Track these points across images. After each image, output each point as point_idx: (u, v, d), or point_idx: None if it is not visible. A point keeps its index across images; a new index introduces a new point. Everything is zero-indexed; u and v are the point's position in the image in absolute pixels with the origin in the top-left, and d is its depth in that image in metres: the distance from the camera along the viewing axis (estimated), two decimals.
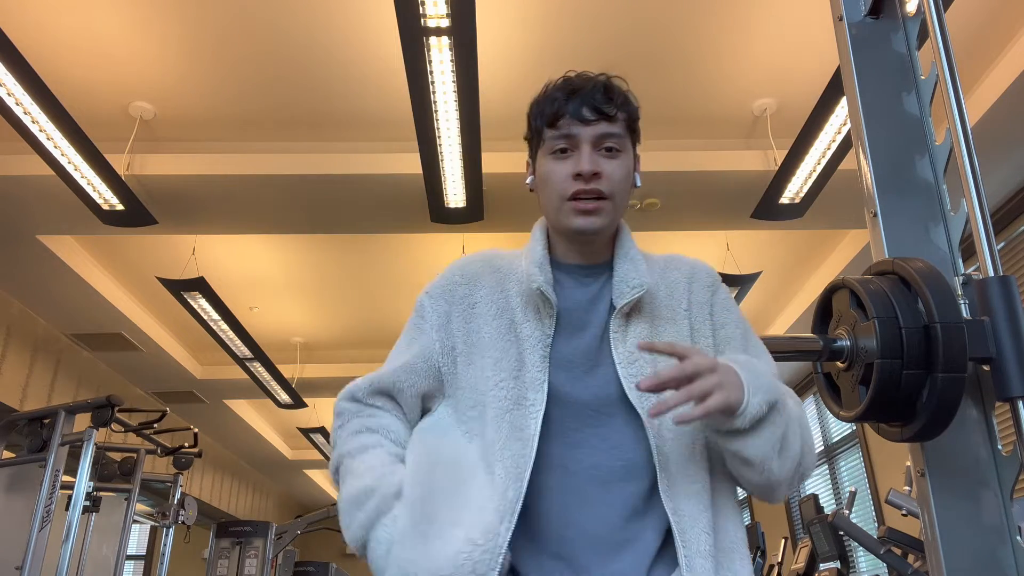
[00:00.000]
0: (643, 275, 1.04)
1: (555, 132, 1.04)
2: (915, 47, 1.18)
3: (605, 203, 1.02)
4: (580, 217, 1.02)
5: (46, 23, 3.05)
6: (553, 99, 1.06)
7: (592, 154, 1.02)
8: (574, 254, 1.08)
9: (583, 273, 1.08)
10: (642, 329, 1.03)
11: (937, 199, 1.12)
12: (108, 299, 4.98)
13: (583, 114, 1.03)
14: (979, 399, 1.04)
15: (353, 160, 3.74)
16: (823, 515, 3.51)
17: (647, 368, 1.00)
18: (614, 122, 1.05)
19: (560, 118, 1.04)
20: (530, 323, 1.04)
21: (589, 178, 1.01)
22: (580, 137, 1.03)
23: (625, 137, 1.06)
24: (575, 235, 1.05)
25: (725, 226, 4.36)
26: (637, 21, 3.13)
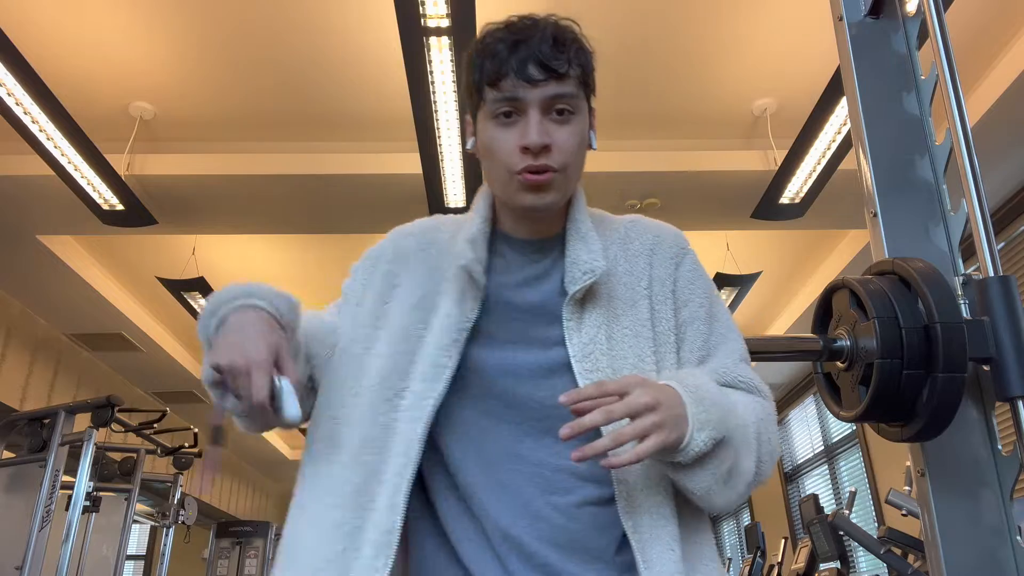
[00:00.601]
0: (596, 256, 0.92)
1: (498, 94, 0.88)
2: (915, 47, 1.18)
3: (557, 176, 0.89)
4: (529, 194, 0.89)
5: (46, 23, 3.05)
6: (494, 53, 0.88)
7: (541, 121, 0.88)
8: (523, 228, 0.96)
9: (532, 248, 0.96)
10: (597, 315, 0.92)
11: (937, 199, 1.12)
12: (108, 299, 4.98)
13: (530, 73, 0.86)
14: (979, 399, 1.04)
15: (353, 160, 3.74)
16: (823, 515, 3.51)
17: (603, 361, 0.89)
18: (565, 80, 0.88)
19: (503, 77, 0.87)
20: (452, 304, 0.93)
21: (539, 152, 0.87)
22: (527, 101, 0.87)
23: (579, 96, 0.91)
24: (524, 212, 0.93)
25: (725, 226, 4.36)
26: (637, 21, 3.13)
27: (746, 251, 4.92)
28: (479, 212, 0.97)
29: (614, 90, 3.51)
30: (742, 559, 8.12)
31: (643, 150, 3.79)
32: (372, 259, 1.04)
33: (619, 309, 0.94)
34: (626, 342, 0.92)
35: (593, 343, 0.90)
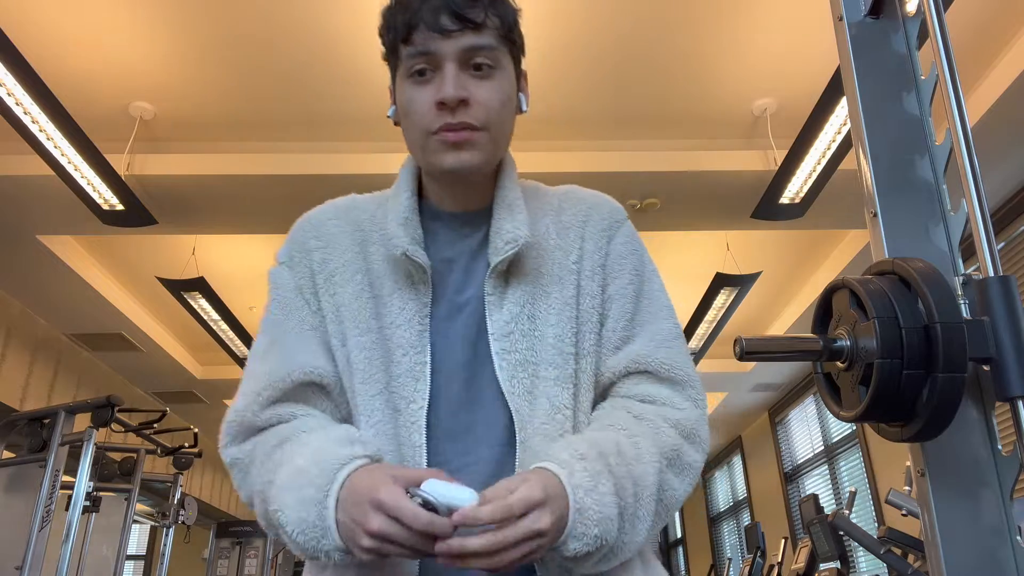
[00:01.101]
0: (520, 225, 0.85)
1: (411, 49, 0.82)
2: (915, 47, 1.18)
3: (478, 134, 0.82)
4: (448, 153, 0.82)
5: (46, 23, 3.05)
6: (406, 5, 0.83)
7: (458, 75, 0.81)
8: (449, 200, 0.90)
9: (461, 222, 0.89)
10: (521, 292, 0.85)
11: (937, 199, 1.12)
12: (108, 299, 4.98)
13: (442, 23, 0.80)
14: (979, 399, 1.04)
15: (353, 160, 3.74)
16: (823, 515, 3.51)
17: (522, 343, 0.83)
18: (482, 31, 0.82)
19: (414, 29, 0.81)
20: (401, 292, 0.85)
21: (456, 106, 0.81)
22: (441, 54, 0.81)
23: (499, 49, 0.84)
24: (445, 176, 0.86)
25: (725, 226, 4.36)
26: (637, 21, 3.13)
27: (746, 251, 4.92)
28: (404, 186, 0.89)
29: (614, 90, 3.51)
30: (742, 559, 8.13)
31: (643, 150, 3.79)
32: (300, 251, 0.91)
33: (547, 285, 0.86)
34: (549, 321, 0.85)
35: (514, 321, 0.84)
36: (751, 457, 8.10)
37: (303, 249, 0.91)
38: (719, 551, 9.24)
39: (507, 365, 0.83)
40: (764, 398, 7.21)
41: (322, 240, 0.91)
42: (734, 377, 6.68)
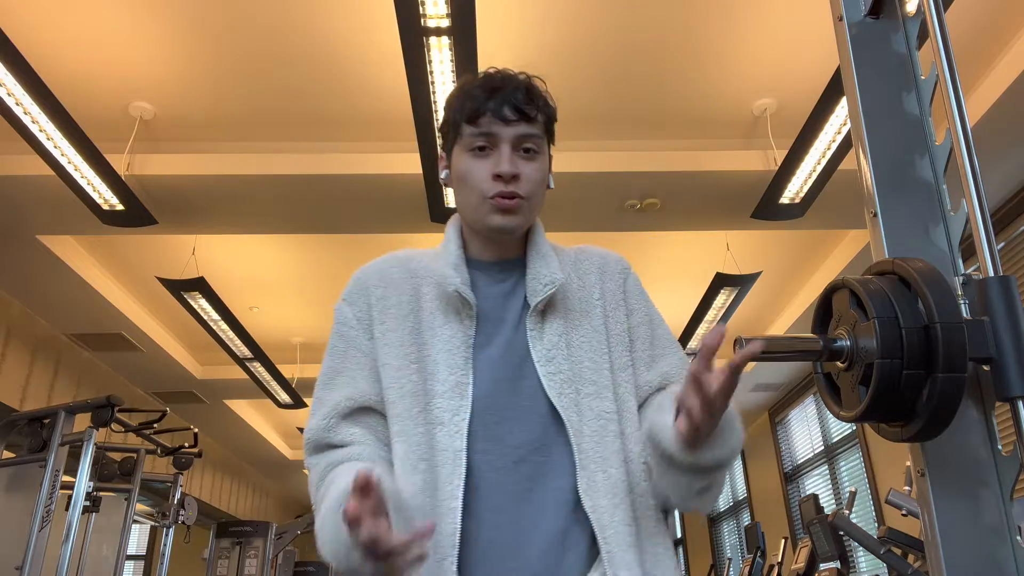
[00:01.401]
0: (555, 271, 1.05)
1: (475, 129, 1.02)
2: (915, 47, 1.18)
3: (522, 203, 1.03)
4: (500, 215, 1.02)
5: (46, 23, 3.05)
6: (474, 96, 1.03)
7: (512, 155, 1.02)
8: (489, 251, 1.09)
9: (497, 269, 1.08)
10: (557, 325, 1.04)
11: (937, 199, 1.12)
12: (108, 299, 4.98)
13: (504, 113, 1.02)
14: (979, 399, 1.04)
15: (353, 160, 3.74)
16: (823, 515, 3.51)
17: (564, 365, 1.01)
18: (534, 123, 1.04)
19: (481, 115, 1.02)
20: (451, 325, 1.03)
21: (509, 179, 1.01)
22: (500, 136, 1.02)
23: (543, 138, 1.06)
24: (493, 233, 1.05)
25: (725, 226, 4.36)
26: (637, 21, 3.13)
27: (746, 251, 4.92)
28: (453, 240, 1.09)
29: (614, 90, 3.51)
30: (742, 559, 8.12)
31: (643, 150, 3.79)
32: (364, 288, 1.10)
33: (575, 319, 1.06)
34: (584, 346, 1.04)
35: (555, 348, 1.02)
36: (751, 457, 8.10)
37: (364, 288, 1.09)
38: (719, 551, 9.24)
39: (555, 384, 1.00)
40: (764, 398, 7.21)
41: (383, 282, 1.09)
42: None
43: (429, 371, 1.00)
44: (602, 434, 0.99)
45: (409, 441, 0.98)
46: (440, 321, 1.03)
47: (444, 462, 0.95)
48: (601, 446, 0.98)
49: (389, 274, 1.09)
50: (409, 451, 0.97)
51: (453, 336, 1.02)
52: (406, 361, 1.02)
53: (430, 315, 1.04)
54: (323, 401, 1.05)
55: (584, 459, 0.97)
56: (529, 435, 0.98)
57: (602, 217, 4.13)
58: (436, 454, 0.96)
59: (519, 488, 0.96)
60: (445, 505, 0.93)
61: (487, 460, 0.96)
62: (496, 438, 0.97)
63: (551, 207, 4.05)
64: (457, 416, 0.97)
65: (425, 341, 1.03)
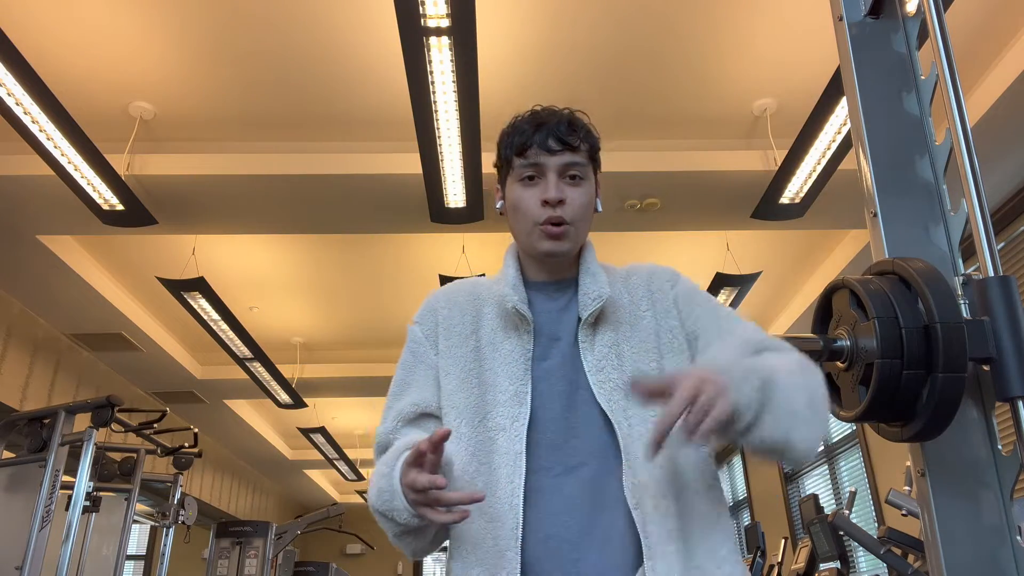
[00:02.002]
0: (603, 287, 1.12)
1: (524, 161, 1.12)
2: (915, 47, 1.18)
3: (569, 228, 1.11)
4: (548, 241, 1.11)
5: (46, 23, 3.05)
6: (522, 131, 1.13)
7: (558, 182, 1.11)
8: (544, 273, 1.17)
9: (552, 289, 1.17)
10: (608, 336, 1.11)
11: (937, 199, 1.12)
12: (108, 299, 4.98)
13: (549, 145, 1.11)
14: (979, 399, 1.04)
15: (353, 160, 3.74)
16: (823, 515, 3.51)
17: (614, 374, 1.08)
18: (577, 152, 1.12)
19: (528, 148, 1.12)
20: (511, 340, 1.12)
21: (555, 204, 1.10)
22: (547, 166, 1.11)
23: (587, 166, 1.14)
24: (544, 256, 1.14)
25: (725, 226, 4.36)
26: (637, 21, 3.13)
27: (746, 251, 4.92)
28: (511, 264, 1.18)
29: (614, 90, 3.51)
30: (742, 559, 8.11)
31: (643, 150, 3.79)
32: (432, 310, 1.21)
33: (626, 331, 1.12)
34: (633, 356, 1.10)
35: (605, 359, 1.09)
36: (751, 457, 8.10)
37: (432, 310, 1.20)
38: None
39: (604, 391, 1.07)
40: None
41: (449, 304, 1.20)
42: None
43: (489, 383, 1.10)
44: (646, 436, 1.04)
45: (467, 444, 1.07)
46: (500, 337, 1.13)
47: (503, 464, 1.04)
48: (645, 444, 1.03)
49: (455, 297, 1.21)
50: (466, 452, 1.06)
51: (513, 350, 1.11)
52: (467, 375, 1.12)
53: (491, 332, 1.14)
54: (391, 408, 1.16)
55: (631, 462, 1.02)
56: (584, 441, 1.05)
57: (602, 217, 4.12)
58: (495, 457, 1.05)
59: (575, 491, 1.03)
60: (507, 503, 1.01)
61: (545, 465, 1.04)
62: (554, 445, 1.05)
63: None
64: (517, 422, 1.06)
65: (486, 356, 1.13)
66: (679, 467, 1.05)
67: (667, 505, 1.01)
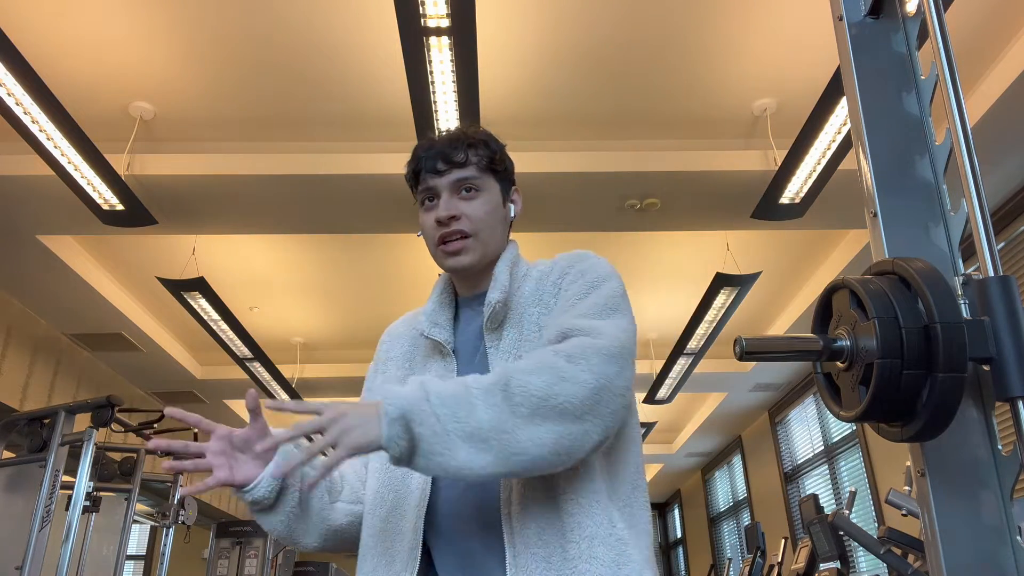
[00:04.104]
0: (498, 291, 1.11)
1: (420, 187, 1.16)
2: (915, 47, 1.18)
3: (468, 241, 1.12)
4: (449, 258, 1.13)
5: (46, 23, 3.05)
6: (416, 158, 1.17)
7: (450, 200, 1.13)
8: (465, 287, 1.20)
9: (476, 302, 1.18)
10: (511, 338, 1.09)
11: (937, 199, 1.12)
12: (108, 299, 4.98)
13: (436, 166, 1.13)
14: (979, 399, 1.04)
15: (353, 160, 3.74)
16: (823, 515, 3.51)
17: None
18: (466, 167, 1.13)
19: (419, 173, 1.15)
20: (436, 364, 1.14)
21: (447, 221, 1.12)
22: (438, 187, 1.14)
23: (482, 177, 1.15)
24: (451, 272, 1.17)
25: (725, 226, 4.36)
26: (637, 21, 3.13)
27: (746, 251, 4.92)
28: (436, 289, 1.21)
29: (614, 90, 3.51)
30: (742, 559, 8.13)
31: (643, 150, 3.79)
32: (379, 345, 1.27)
33: (529, 333, 1.10)
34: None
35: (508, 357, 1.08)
36: (751, 457, 8.10)
37: (380, 344, 1.26)
38: (719, 551, 9.24)
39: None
40: (764, 398, 7.21)
41: (390, 337, 1.25)
42: (734, 377, 6.68)
43: None
44: None
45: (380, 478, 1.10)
46: (428, 363, 1.15)
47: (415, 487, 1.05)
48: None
49: (396, 329, 1.25)
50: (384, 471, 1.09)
51: (437, 374, 1.12)
52: None
53: (422, 358, 1.17)
54: None
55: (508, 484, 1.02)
56: None
57: (602, 217, 4.14)
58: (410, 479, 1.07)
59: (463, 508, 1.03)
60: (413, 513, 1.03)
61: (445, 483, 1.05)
62: None
63: (551, 207, 4.06)
64: None
65: None
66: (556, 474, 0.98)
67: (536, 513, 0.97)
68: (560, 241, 4.60)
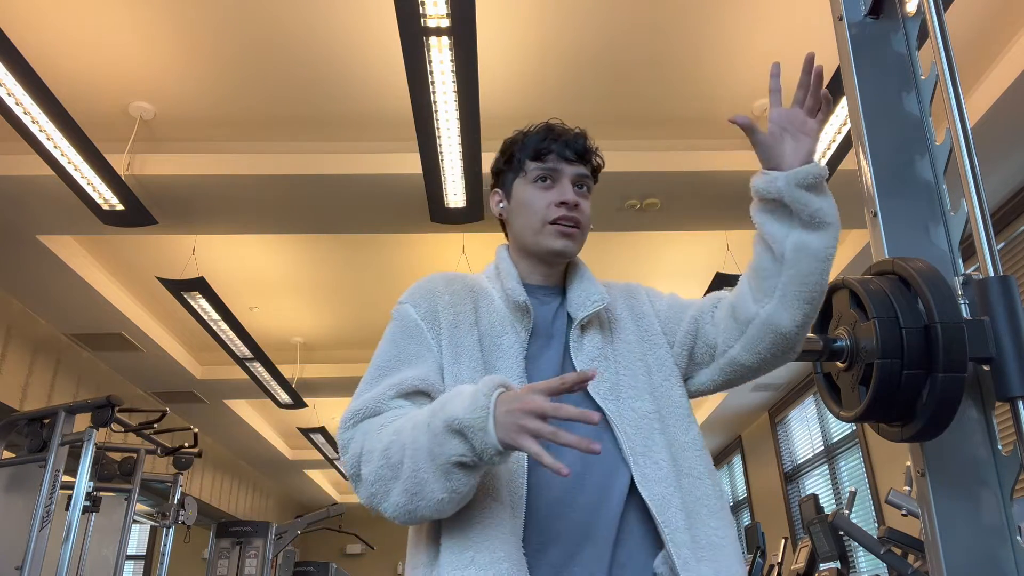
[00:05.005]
0: (601, 291, 1.18)
1: (540, 164, 1.18)
2: (915, 47, 1.18)
3: (578, 231, 1.17)
4: (561, 239, 1.16)
5: (46, 23, 3.05)
6: (541, 137, 1.20)
7: (572, 189, 1.18)
8: (537, 276, 1.21)
9: (544, 292, 1.21)
10: (596, 339, 1.15)
11: (937, 199, 1.12)
12: (108, 299, 4.98)
13: (567, 154, 1.18)
14: (979, 399, 1.04)
15: (353, 160, 3.74)
16: (823, 515, 3.51)
17: (605, 373, 1.13)
18: (587, 166, 1.21)
19: (546, 154, 1.18)
20: (508, 336, 1.13)
21: (572, 207, 1.16)
22: (563, 172, 1.18)
23: (592, 180, 1.23)
24: (551, 255, 1.18)
25: (725, 226, 4.36)
26: (637, 21, 3.13)
27: (746, 251, 4.89)
28: (507, 265, 1.20)
29: (614, 90, 3.51)
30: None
31: (643, 150, 3.79)
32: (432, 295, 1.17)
33: (609, 335, 1.18)
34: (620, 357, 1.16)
35: (595, 360, 1.13)
36: (751, 457, 8.10)
37: (431, 294, 1.17)
38: None
39: (600, 391, 1.11)
40: (764, 398, 7.21)
41: (449, 290, 1.18)
42: None
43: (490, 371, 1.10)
44: (647, 431, 1.09)
45: None
46: (499, 331, 1.14)
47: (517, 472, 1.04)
48: (649, 440, 1.08)
49: (454, 286, 1.20)
50: None
51: (511, 346, 1.12)
52: (475, 363, 1.10)
53: (490, 325, 1.15)
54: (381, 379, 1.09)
55: (635, 454, 1.06)
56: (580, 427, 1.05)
57: (602, 217, 4.13)
58: None
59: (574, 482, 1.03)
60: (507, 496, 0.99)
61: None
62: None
63: None
64: None
65: (486, 348, 1.13)
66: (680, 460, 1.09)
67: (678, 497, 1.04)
68: None
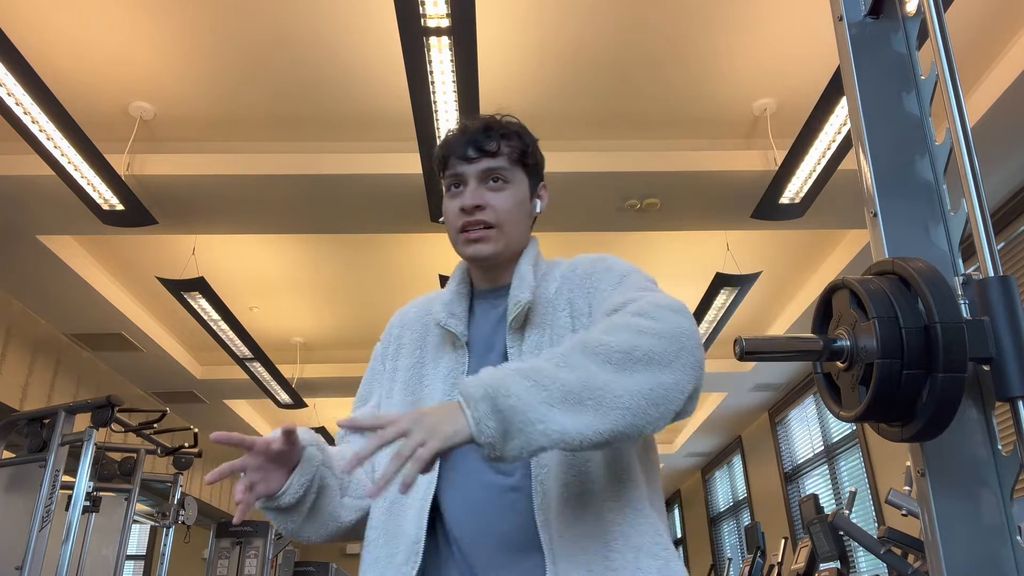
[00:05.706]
0: (526, 290, 1.09)
1: (447, 172, 1.14)
2: (915, 47, 1.18)
3: (491, 231, 1.10)
4: (469, 246, 1.11)
5: (46, 23, 3.05)
6: (446, 144, 1.15)
7: (477, 188, 1.11)
8: (484, 280, 1.18)
9: (493, 296, 1.16)
10: (534, 339, 1.07)
11: (937, 199, 1.12)
12: (108, 299, 4.98)
13: (467, 153, 1.12)
14: (979, 399, 1.04)
15: (353, 160, 3.74)
16: (823, 515, 3.51)
17: None
18: (497, 156, 1.12)
19: (448, 159, 1.13)
20: (448, 356, 1.12)
21: (472, 211, 1.10)
22: (466, 174, 1.12)
23: (512, 169, 1.13)
24: (471, 262, 1.16)
25: (725, 226, 4.36)
26: (637, 21, 3.13)
27: (746, 251, 4.92)
28: (456, 277, 1.19)
29: (614, 90, 3.51)
30: (742, 559, 8.13)
31: (643, 150, 3.79)
32: (389, 328, 1.25)
33: (548, 333, 1.08)
34: None
35: None
36: (751, 457, 8.10)
37: (390, 328, 1.25)
38: (719, 551, 9.24)
39: None
40: (764, 398, 7.21)
41: (402, 322, 1.23)
42: (734, 377, 6.68)
43: (426, 399, 1.10)
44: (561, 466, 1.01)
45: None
46: (440, 353, 1.14)
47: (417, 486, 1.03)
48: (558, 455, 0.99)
49: (408, 315, 1.23)
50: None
51: (450, 366, 1.11)
52: (407, 391, 1.13)
53: (433, 349, 1.15)
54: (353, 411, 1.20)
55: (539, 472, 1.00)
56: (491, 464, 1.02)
57: (602, 217, 4.14)
58: None
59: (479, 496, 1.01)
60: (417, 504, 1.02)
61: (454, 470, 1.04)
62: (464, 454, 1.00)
63: (551, 207, 4.04)
64: None
65: (427, 372, 1.13)
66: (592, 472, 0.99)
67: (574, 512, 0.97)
68: (560, 241, 4.61)
